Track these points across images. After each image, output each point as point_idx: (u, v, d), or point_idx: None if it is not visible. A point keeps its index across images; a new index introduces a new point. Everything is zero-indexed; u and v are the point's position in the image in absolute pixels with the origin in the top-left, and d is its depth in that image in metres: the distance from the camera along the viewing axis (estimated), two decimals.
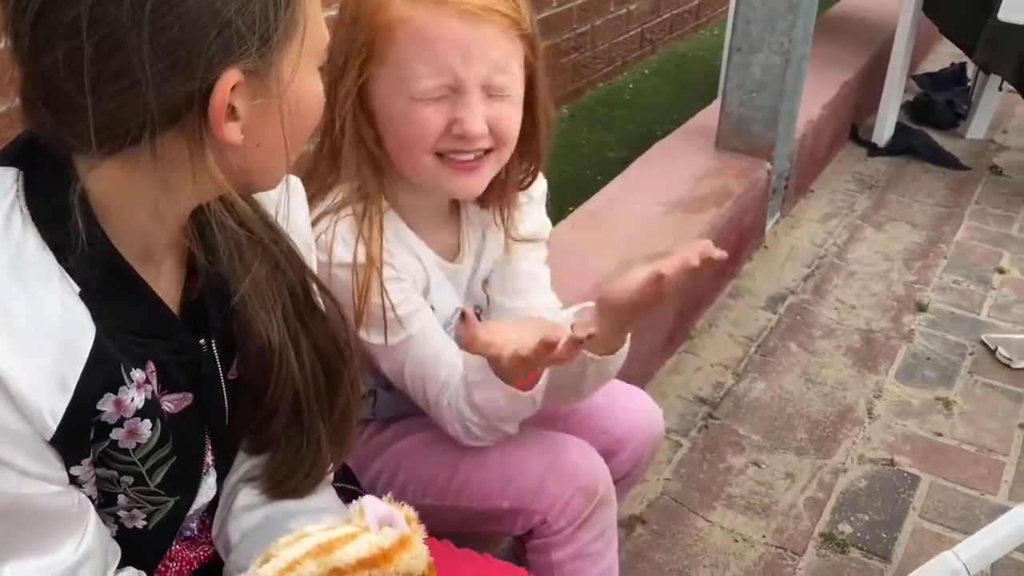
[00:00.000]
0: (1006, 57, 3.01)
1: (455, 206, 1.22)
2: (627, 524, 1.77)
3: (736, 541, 1.76)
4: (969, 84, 3.67)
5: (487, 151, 1.10)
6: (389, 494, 0.84)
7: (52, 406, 0.75)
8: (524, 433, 1.17)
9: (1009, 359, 2.26)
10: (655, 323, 2.11)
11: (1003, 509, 1.80)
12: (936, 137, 3.43)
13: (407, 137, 1.08)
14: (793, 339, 2.35)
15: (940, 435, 2.04)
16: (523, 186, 1.23)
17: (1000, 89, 3.40)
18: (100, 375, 0.78)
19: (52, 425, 0.75)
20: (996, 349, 2.30)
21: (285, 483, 0.99)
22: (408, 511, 0.77)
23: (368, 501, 0.78)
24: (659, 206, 2.39)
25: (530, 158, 1.19)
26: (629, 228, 2.28)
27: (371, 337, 1.13)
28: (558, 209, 2.60)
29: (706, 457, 1.95)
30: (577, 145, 3.19)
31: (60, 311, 0.75)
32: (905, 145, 3.35)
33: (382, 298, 1.11)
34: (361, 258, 1.10)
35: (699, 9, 4.31)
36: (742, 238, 2.57)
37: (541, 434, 1.20)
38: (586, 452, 1.19)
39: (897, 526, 1.80)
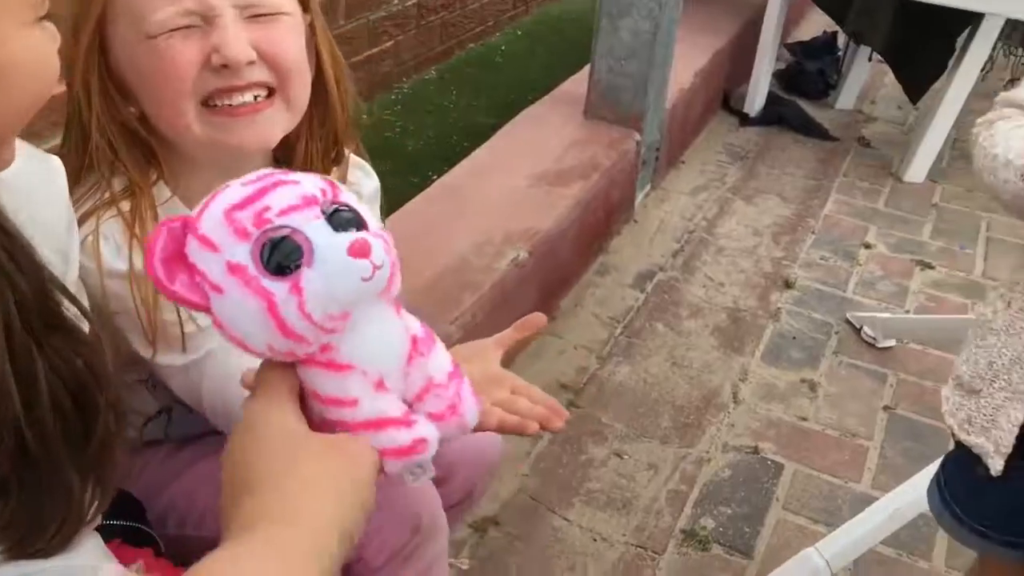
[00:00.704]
0: (876, 28, 2.98)
1: None
2: (479, 527, 1.64)
3: (595, 540, 1.66)
4: (840, 53, 3.65)
5: (269, 93, 0.91)
6: (138, 563, 0.67)
7: None
8: None
9: (873, 338, 2.23)
10: (517, 303, 1.98)
11: (866, 497, 1.76)
12: (806, 107, 3.41)
13: (160, 87, 0.88)
14: (660, 319, 2.26)
15: (804, 419, 1.99)
16: (333, 159, 1.05)
17: (870, 60, 3.39)
18: None
19: None
20: (861, 328, 2.27)
21: (30, 539, 0.80)
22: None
23: (109, 571, 0.62)
24: (524, 178, 2.25)
25: (327, 123, 1.00)
26: (491, 203, 2.13)
27: (162, 358, 0.94)
28: (422, 178, 2.44)
29: (566, 449, 1.84)
30: (444, 109, 3.01)
31: None
32: (776, 115, 3.31)
33: (176, 311, 0.92)
34: (139, 265, 0.90)
35: None
36: (610, 212, 2.46)
37: None
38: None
39: (760, 519, 1.74)
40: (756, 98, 3.31)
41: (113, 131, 0.90)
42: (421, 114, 2.94)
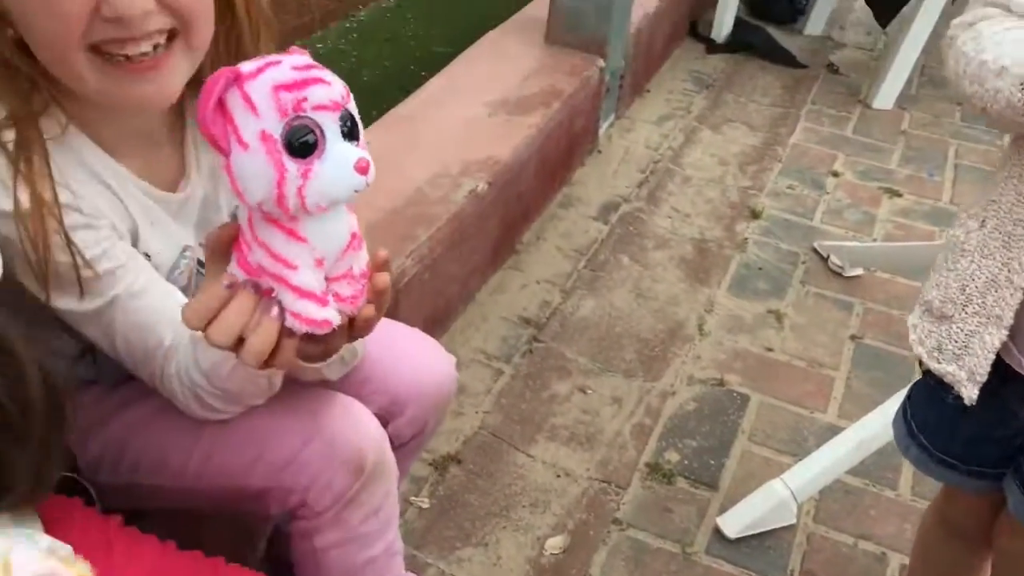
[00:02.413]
0: None
1: (178, 117, 0.96)
2: (439, 465, 1.60)
3: (558, 477, 1.63)
4: None
5: (169, 39, 0.82)
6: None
7: None
8: (280, 395, 0.95)
9: (841, 267, 2.20)
10: (477, 237, 1.91)
11: (833, 428, 1.74)
12: (774, 33, 3.33)
13: (46, 33, 0.79)
14: (625, 251, 2.20)
15: (771, 351, 1.96)
16: None
17: None
18: None
19: None
20: (828, 257, 2.23)
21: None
22: (81, 567, 0.55)
23: (19, 556, 0.57)
24: (483, 107, 2.17)
25: (236, 43, 0.91)
26: (448, 132, 2.05)
27: (59, 302, 0.87)
28: (378, 109, 2.34)
29: (529, 385, 1.80)
30: (401, 37, 2.90)
31: None
32: (743, 41, 3.22)
33: (71, 254, 0.84)
34: (26, 203, 0.82)
35: None
36: (573, 142, 2.39)
37: (299, 396, 0.98)
38: (353, 415, 0.99)
39: (725, 451, 1.71)
40: (723, 24, 3.22)
41: None
42: (378, 43, 2.83)
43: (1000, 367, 0.93)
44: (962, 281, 0.94)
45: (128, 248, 0.91)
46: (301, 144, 0.62)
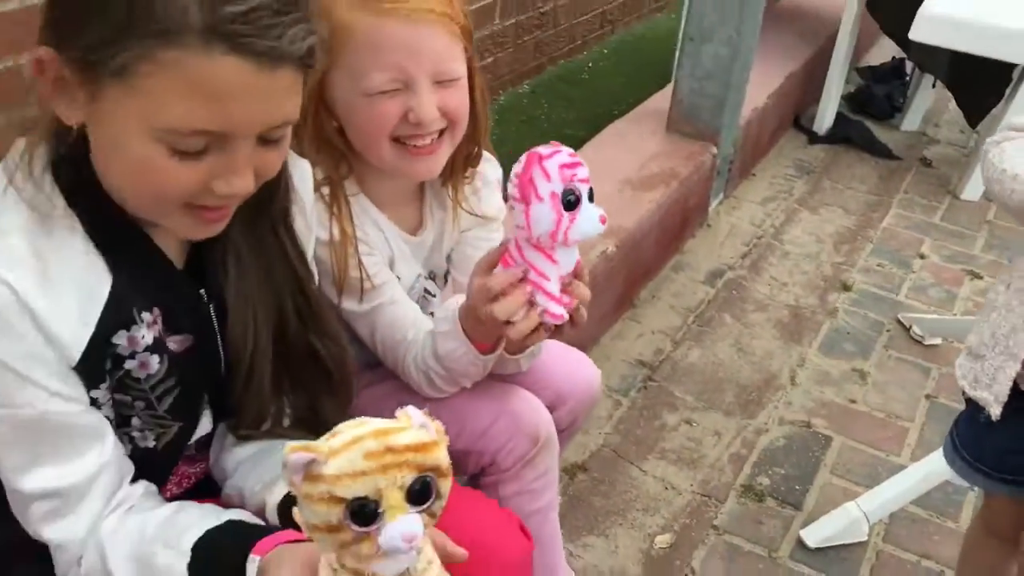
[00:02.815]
0: (937, 59, 3.22)
1: (419, 184, 1.37)
2: (570, 471, 1.96)
3: (666, 489, 1.97)
4: (907, 78, 3.89)
5: (441, 133, 1.23)
6: (426, 408, 1.02)
7: (75, 337, 0.90)
8: (477, 386, 1.33)
9: (921, 336, 2.49)
10: (603, 291, 2.29)
11: (905, 468, 2.03)
12: (873, 128, 3.65)
13: (367, 129, 1.20)
14: (728, 311, 2.55)
15: (854, 402, 2.27)
16: (471, 162, 1.37)
17: (933, 86, 3.63)
18: (116, 316, 0.93)
19: (76, 354, 0.90)
20: (911, 327, 2.53)
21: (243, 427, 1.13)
22: (438, 424, 0.92)
23: (411, 409, 0.92)
24: (611, 184, 2.56)
25: (473, 135, 1.31)
26: None
27: (348, 304, 1.28)
28: None
29: (643, 415, 2.15)
30: (536, 120, 3.32)
31: (83, 261, 0.91)
32: (843, 134, 3.56)
33: (360, 271, 1.26)
34: (336, 236, 1.24)
35: None
36: (686, 216, 2.76)
37: (492, 386, 1.36)
38: (531, 402, 1.36)
39: (809, 480, 2.02)
40: (825, 118, 3.57)
41: (319, 139, 1.23)
42: (515, 124, 3.26)
43: (1018, 391, 1.25)
44: (992, 329, 1.27)
45: (389, 271, 1.32)
46: (569, 201, 1.00)
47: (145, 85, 0.80)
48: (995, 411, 1.26)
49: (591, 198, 1.03)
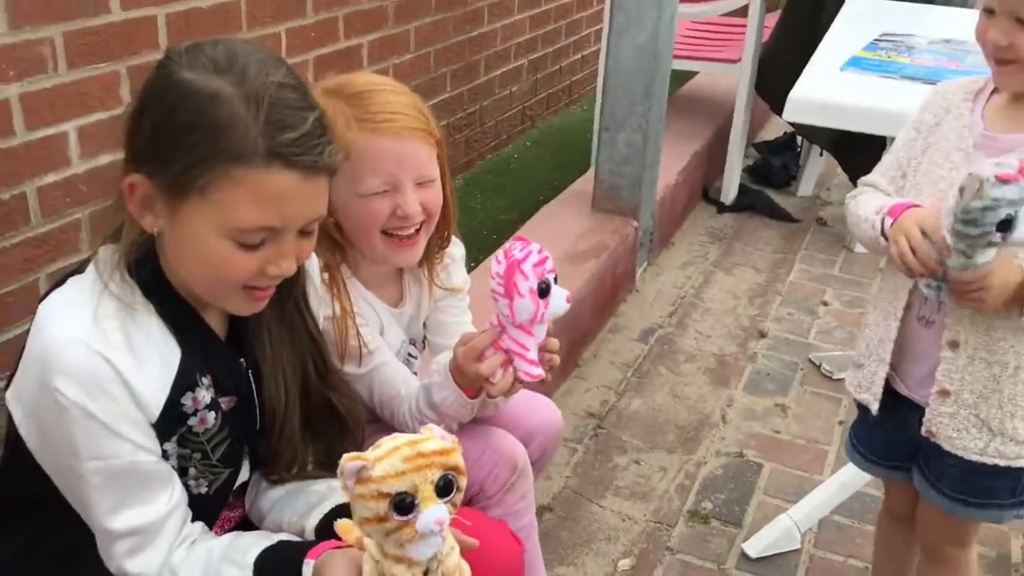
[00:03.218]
0: (820, 132, 3.66)
1: (398, 267, 1.65)
2: (539, 512, 2.19)
3: (624, 520, 2.23)
4: (799, 150, 4.35)
5: (421, 225, 1.51)
6: (442, 425, 1.26)
7: (156, 400, 1.14)
8: (462, 428, 1.60)
9: (830, 372, 2.83)
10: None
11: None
12: (773, 195, 4.08)
13: (362, 223, 1.47)
14: (662, 364, 2.86)
15: (778, 432, 2.58)
16: (443, 245, 1.65)
17: (821, 155, 4.08)
18: (184, 380, 1.18)
19: (156, 413, 1.15)
20: (820, 364, 2.87)
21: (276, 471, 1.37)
22: (453, 437, 1.17)
23: (432, 426, 1.17)
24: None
25: (444, 223, 1.59)
26: None
27: (350, 368, 1.53)
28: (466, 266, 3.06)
29: (597, 458, 2.42)
30: (473, 209, 3.64)
31: (160, 337, 1.16)
32: (747, 203, 3.97)
33: (358, 340, 1.53)
34: (338, 312, 1.51)
35: (571, 88, 4.90)
36: (617, 284, 3.09)
37: (475, 427, 1.62)
38: (508, 438, 1.63)
39: (746, 501, 2.31)
40: (730, 189, 3.98)
41: (320, 233, 1.49)
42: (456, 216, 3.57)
43: (894, 393, 1.57)
44: (866, 342, 1.59)
45: (380, 338, 1.59)
46: (542, 290, 1.27)
47: (220, 197, 1.07)
48: (875, 408, 1.57)
49: (555, 281, 1.31)
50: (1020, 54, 1.32)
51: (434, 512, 1.06)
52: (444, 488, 1.08)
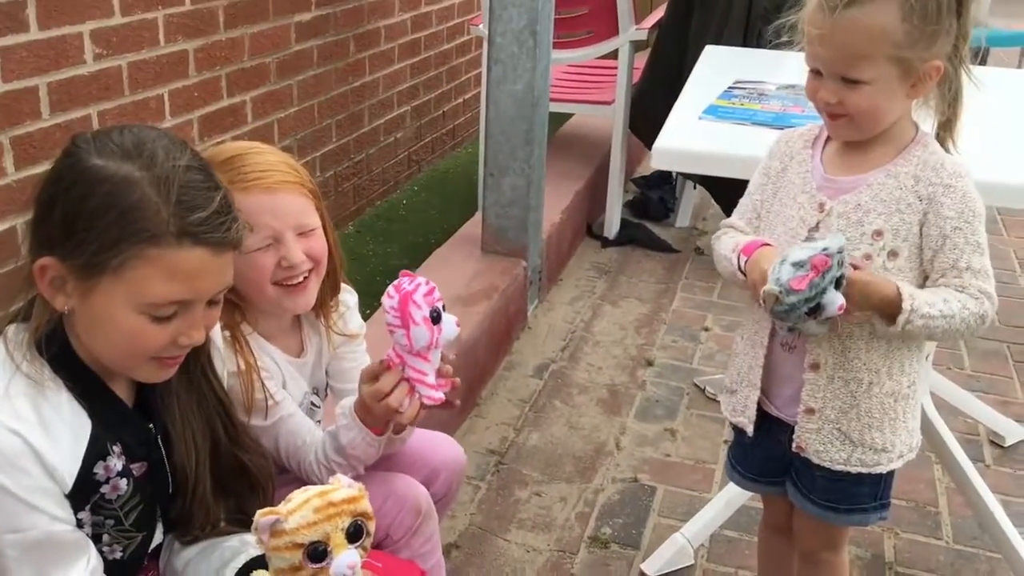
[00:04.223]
0: None
1: (296, 316, 1.71)
2: (446, 550, 2.27)
3: (528, 552, 2.32)
4: (674, 183, 4.57)
5: (309, 272, 1.58)
6: (349, 475, 1.32)
7: (69, 471, 1.19)
8: (366, 475, 1.66)
9: (714, 394, 3.00)
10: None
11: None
12: (653, 228, 4.27)
13: (252, 278, 1.53)
14: (557, 397, 2.98)
15: (669, 456, 2.72)
16: (334, 292, 1.72)
17: (695, 187, 4.31)
18: (95, 449, 1.22)
19: (69, 483, 1.19)
20: (705, 388, 3.04)
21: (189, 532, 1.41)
22: (360, 485, 1.23)
23: (340, 476, 1.24)
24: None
25: (332, 271, 1.65)
26: None
27: (256, 421, 1.58)
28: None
29: (499, 494, 2.51)
30: (365, 256, 3.70)
31: (69, 410, 1.20)
32: (629, 236, 4.15)
33: (264, 392, 1.58)
34: (243, 366, 1.56)
35: (454, 131, 5.03)
36: (510, 323, 3.20)
37: (375, 475, 1.69)
38: (409, 482, 1.69)
39: (643, 524, 2.43)
40: (612, 224, 4.16)
41: None
42: (347, 261, 3.60)
43: (765, 414, 1.71)
44: (737, 369, 1.74)
45: (284, 391, 1.65)
46: (435, 318, 1.37)
47: (134, 275, 1.13)
48: (750, 430, 1.71)
49: (444, 308, 1.42)
50: (849, 109, 1.49)
51: (346, 558, 1.14)
52: (354, 534, 1.16)
